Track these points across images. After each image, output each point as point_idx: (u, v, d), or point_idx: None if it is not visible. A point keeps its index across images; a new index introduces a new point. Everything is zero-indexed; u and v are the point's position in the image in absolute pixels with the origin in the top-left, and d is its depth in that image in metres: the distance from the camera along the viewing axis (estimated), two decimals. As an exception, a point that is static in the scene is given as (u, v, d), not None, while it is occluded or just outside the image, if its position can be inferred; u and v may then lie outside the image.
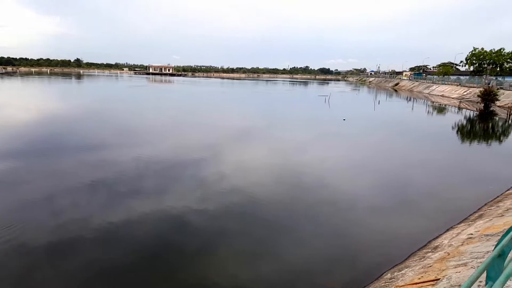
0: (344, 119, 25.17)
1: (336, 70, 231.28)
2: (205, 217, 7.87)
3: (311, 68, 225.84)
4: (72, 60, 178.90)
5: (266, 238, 7.06)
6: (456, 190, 10.42)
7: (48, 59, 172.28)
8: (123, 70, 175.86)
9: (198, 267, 5.88)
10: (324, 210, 8.60)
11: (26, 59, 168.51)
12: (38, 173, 10.55)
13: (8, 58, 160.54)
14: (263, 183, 10.43)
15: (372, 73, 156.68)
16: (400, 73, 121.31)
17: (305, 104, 40.57)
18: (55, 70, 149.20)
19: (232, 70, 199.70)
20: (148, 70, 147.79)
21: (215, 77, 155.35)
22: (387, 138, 19.45)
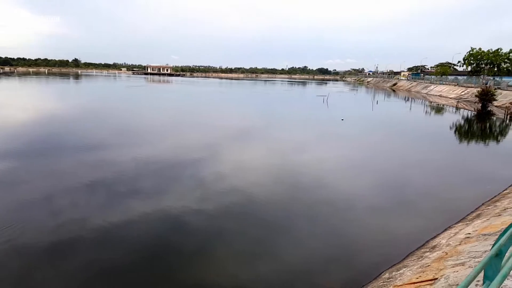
0: (343, 119, 25.21)
1: (335, 70, 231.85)
2: (204, 217, 7.87)
3: (309, 68, 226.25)
4: (70, 60, 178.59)
5: (265, 238, 7.06)
6: (454, 190, 10.46)
7: (46, 59, 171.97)
8: (121, 70, 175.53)
9: (197, 267, 5.88)
10: (322, 210, 8.61)
11: (24, 59, 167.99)
12: (37, 173, 10.51)
13: (5, 58, 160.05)
14: (261, 183, 10.43)
15: (370, 73, 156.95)
16: (398, 73, 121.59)
17: (303, 104, 40.62)
18: (53, 70, 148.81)
19: (230, 70, 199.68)
20: (146, 70, 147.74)
21: (213, 77, 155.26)
22: (385, 138, 19.49)
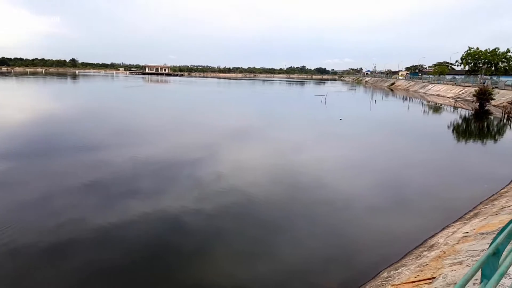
0: (341, 119, 25.24)
1: (333, 70, 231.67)
2: (203, 217, 7.86)
3: (307, 68, 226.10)
4: (67, 60, 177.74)
5: (264, 238, 7.07)
6: (452, 189, 10.49)
7: (43, 59, 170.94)
8: (118, 70, 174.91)
9: (196, 267, 5.87)
10: (320, 209, 8.62)
11: (20, 59, 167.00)
12: (35, 173, 10.47)
13: (2, 58, 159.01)
14: (260, 183, 10.44)
15: (368, 72, 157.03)
16: (396, 72, 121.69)
17: (301, 104, 40.65)
18: (50, 70, 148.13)
19: (228, 70, 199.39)
20: (144, 70, 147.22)
21: (211, 77, 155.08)
22: (384, 138, 19.52)
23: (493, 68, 60.49)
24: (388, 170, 12.50)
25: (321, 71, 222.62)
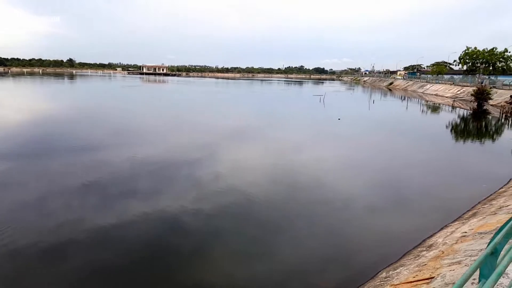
0: (339, 119, 25.26)
1: (331, 69, 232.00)
2: (201, 217, 7.85)
3: (306, 68, 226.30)
4: (64, 60, 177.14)
5: (262, 238, 7.06)
6: (450, 189, 10.51)
7: (40, 59, 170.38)
8: (116, 70, 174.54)
9: (195, 267, 5.86)
10: (319, 209, 8.62)
11: (17, 59, 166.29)
12: (34, 173, 10.43)
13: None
14: (258, 183, 10.43)
15: (367, 72, 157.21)
16: (395, 72, 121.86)
17: (300, 104, 40.66)
18: (48, 70, 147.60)
19: (227, 70, 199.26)
20: (142, 70, 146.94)
21: (209, 77, 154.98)
22: (382, 138, 19.55)
23: (491, 68, 60.71)
24: (386, 170, 12.52)
25: (319, 71, 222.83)
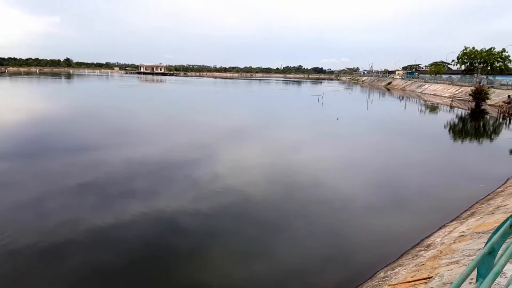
0: (338, 119, 25.29)
1: (329, 69, 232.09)
2: (200, 216, 7.85)
3: (304, 68, 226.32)
4: (61, 60, 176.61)
5: (261, 238, 7.06)
6: (448, 189, 10.53)
7: (37, 58, 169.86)
8: (113, 69, 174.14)
9: (193, 267, 5.86)
10: (317, 209, 8.63)
11: (14, 58, 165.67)
12: (32, 173, 10.39)
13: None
14: (257, 182, 10.43)
15: (365, 72, 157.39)
16: (393, 72, 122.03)
17: (298, 104, 40.67)
18: (45, 70, 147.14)
19: (225, 70, 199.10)
20: (139, 69, 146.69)
21: (207, 76, 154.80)
22: (380, 137, 19.58)
23: (489, 68, 60.83)
24: (384, 169, 12.54)
25: (317, 70, 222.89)
